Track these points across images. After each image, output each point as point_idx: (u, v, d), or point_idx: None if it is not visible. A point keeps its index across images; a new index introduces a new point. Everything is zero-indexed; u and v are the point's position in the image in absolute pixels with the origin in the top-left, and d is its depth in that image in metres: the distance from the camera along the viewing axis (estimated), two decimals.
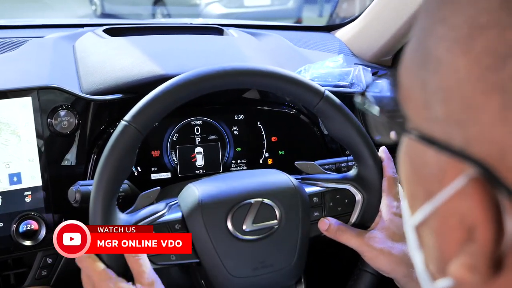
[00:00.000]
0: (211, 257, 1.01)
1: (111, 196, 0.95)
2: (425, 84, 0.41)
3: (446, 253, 0.41)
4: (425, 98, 0.41)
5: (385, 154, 1.12)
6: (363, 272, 1.11)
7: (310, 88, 1.05)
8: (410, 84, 0.43)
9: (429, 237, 0.44)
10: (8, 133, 1.13)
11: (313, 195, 1.11)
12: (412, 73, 0.43)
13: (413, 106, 0.43)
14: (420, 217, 0.44)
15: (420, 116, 0.42)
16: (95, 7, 9.95)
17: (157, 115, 0.97)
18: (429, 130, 0.41)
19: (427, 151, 0.41)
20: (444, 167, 0.39)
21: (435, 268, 0.44)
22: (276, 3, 9.08)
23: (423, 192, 0.43)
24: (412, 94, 0.43)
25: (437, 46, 0.40)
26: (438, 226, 0.42)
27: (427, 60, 0.41)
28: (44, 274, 1.22)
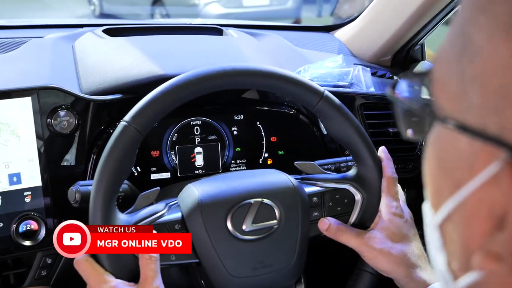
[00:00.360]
0: (211, 257, 1.01)
1: (111, 196, 0.95)
2: (463, 73, 0.41)
3: (470, 245, 0.41)
4: (461, 87, 0.41)
5: (385, 154, 1.12)
6: (363, 272, 1.12)
7: (310, 88, 1.05)
8: (446, 75, 0.43)
9: (453, 232, 0.44)
10: (8, 133, 1.13)
11: (312, 195, 1.11)
12: (449, 63, 0.43)
13: (448, 95, 0.43)
14: (445, 212, 0.44)
15: (455, 105, 0.42)
16: (93, 7, 9.94)
17: (156, 115, 0.98)
18: (463, 119, 0.41)
19: (460, 140, 0.41)
20: (477, 154, 0.40)
21: (458, 264, 0.44)
22: (274, 3, 9.07)
23: (450, 184, 0.43)
24: (447, 84, 0.43)
25: (477, 35, 0.40)
26: (465, 217, 0.42)
27: (466, 49, 0.41)
28: (44, 274, 1.22)
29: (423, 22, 1.50)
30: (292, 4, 9.14)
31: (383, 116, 1.44)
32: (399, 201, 1.10)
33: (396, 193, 1.11)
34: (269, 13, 8.84)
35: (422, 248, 1.08)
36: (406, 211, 1.11)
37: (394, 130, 1.43)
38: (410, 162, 1.46)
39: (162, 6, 9.26)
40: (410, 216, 1.11)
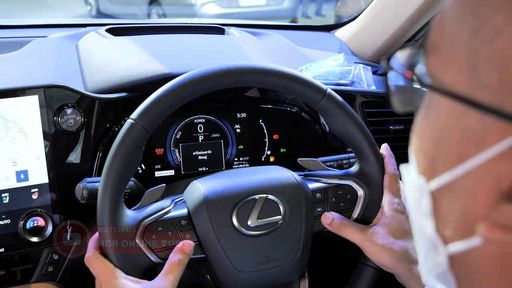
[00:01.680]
0: (217, 252, 1.02)
1: (118, 192, 0.96)
2: (476, 52, 0.43)
3: (473, 214, 0.43)
4: (473, 65, 0.43)
5: (387, 151, 1.14)
6: (365, 266, 1.13)
7: (313, 86, 1.07)
8: (452, 51, 0.45)
9: (451, 201, 0.46)
10: (16, 131, 1.15)
11: (316, 191, 1.13)
12: (455, 40, 0.45)
13: (454, 72, 0.45)
14: (443, 181, 0.46)
15: (462, 82, 0.44)
16: (90, 7, 9.91)
17: (163, 113, 0.99)
18: (475, 95, 0.42)
19: (468, 115, 0.43)
20: (488, 130, 0.41)
21: (453, 231, 0.46)
22: (271, 3, 9.07)
23: (452, 156, 0.45)
24: (453, 61, 0.45)
25: (494, 16, 0.42)
26: (468, 188, 0.44)
27: (480, 29, 0.43)
28: (51, 270, 1.23)
29: (423, 21, 1.52)
30: (289, 4, 9.14)
31: (384, 114, 1.46)
32: (401, 198, 1.12)
33: (398, 189, 1.12)
34: (265, 13, 8.84)
35: None
36: None
37: (395, 127, 1.45)
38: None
39: (158, 5, 9.25)
40: None
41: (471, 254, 0.45)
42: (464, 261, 0.47)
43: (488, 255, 0.44)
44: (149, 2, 9.26)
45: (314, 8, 10.03)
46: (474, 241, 0.44)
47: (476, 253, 0.45)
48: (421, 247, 0.53)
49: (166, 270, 0.96)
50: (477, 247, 0.44)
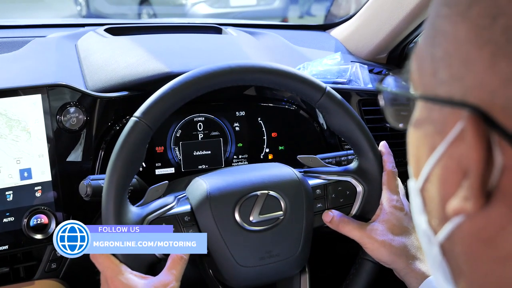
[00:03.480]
0: (219, 248, 1.04)
1: (123, 189, 0.98)
2: (433, 56, 0.48)
3: (446, 197, 0.47)
4: (433, 67, 0.48)
5: (385, 148, 1.16)
6: (365, 261, 1.15)
7: (313, 84, 1.09)
8: (422, 59, 0.51)
9: (431, 192, 0.50)
10: (19, 130, 1.16)
11: (316, 187, 1.15)
12: (423, 50, 0.51)
13: (424, 76, 0.50)
14: (424, 175, 0.51)
15: (429, 84, 0.49)
16: (80, 7, 9.88)
17: (166, 111, 1.01)
18: (435, 92, 0.48)
19: (433, 110, 0.49)
20: (446, 119, 0.47)
21: (437, 220, 0.50)
22: (262, 3, 9.10)
23: (427, 150, 0.50)
24: (422, 67, 0.50)
25: (442, 23, 0.48)
26: (439, 175, 0.48)
27: (435, 37, 0.49)
28: (54, 267, 1.25)
29: (419, 21, 1.54)
30: (279, 4, 9.16)
31: (381, 112, 1.47)
32: (399, 195, 1.14)
33: (396, 186, 1.14)
34: (256, 13, 8.86)
35: None
36: (406, 204, 1.14)
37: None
38: (407, 156, 1.50)
39: (149, 5, 9.25)
40: (410, 209, 1.14)
41: (453, 238, 0.49)
42: (450, 247, 0.50)
43: (465, 233, 0.47)
44: (139, 2, 9.25)
45: (305, 8, 10.07)
46: (451, 223, 0.48)
47: (456, 235, 0.48)
48: (423, 244, 0.56)
49: (170, 265, 0.98)
50: (455, 228, 0.48)
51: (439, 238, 0.50)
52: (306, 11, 10.22)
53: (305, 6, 10.24)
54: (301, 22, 8.64)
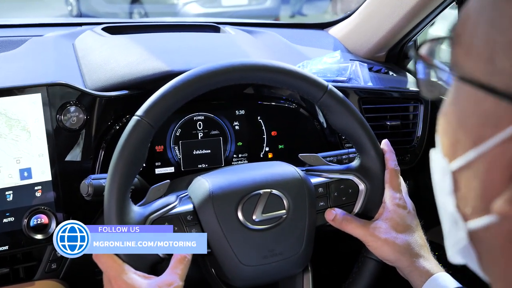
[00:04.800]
0: (222, 247, 1.04)
1: (125, 188, 0.98)
2: (493, 41, 0.46)
3: (490, 192, 0.46)
4: (490, 53, 0.46)
5: (387, 146, 1.16)
6: (367, 259, 1.15)
7: (314, 83, 1.09)
8: (474, 40, 0.48)
9: (470, 180, 0.49)
10: (19, 129, 1.15)
11: (318, 185, 1.15)
12: (477, 31, 0.48)
13: (474, 60, 0.48)
14: (463, 161, 0.49)
15: (481, 70, 0.47)
16: (71, 7, 9.84)
17: (168, 109, 1.01)
18: (490, 81, 0.46)
19: (485, 100, 0.46)
20: (502, 114, 0.45)
21: (471, 209, 0.49)
22: (253, 3, 9.09)
23: (471, 138, 0.48)
24: (474, 49, 0.48)
25: (510, 8, 0.45)
26: (485, 167, 0.47)
27: (497, 20, 0.46)
28: (54, 267, 1.24)
29: (418, 19, 1.54)
30: (271, 4, 9.16)
31: (381, 110, 1.48)
32: (402, 193, 1.14)
33: (399, 184, 1.14)
34: (247, 12, 8.85)
35: (424, 238, 1.11)
36: (409, 202, 1.14)
37: (391, 123, 1.48)
38: (407, 154, 1.50)
39: (140, 5, 9.22)
40: (412, 207, 1.14)
41: (487, 231, 0.48)
42: (481, 237, 0.50)
43: (503, 232, 0.47)
44: (130, 1, 9.22)
45: (297, 7, 10.09)
46: (490, 219, 0.47)
47: (492, 230, 0.48)
48: (445, 223, 0.55)
49: (173, 264, 0.97)
50: (493, 224, 0.47)
51: (469, 227, 0.50)
52: (298, 11, 10.24)
53: (297, 6, 10.25)
54: (293, 21, 8.62)
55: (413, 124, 1.53)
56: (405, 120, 1.52)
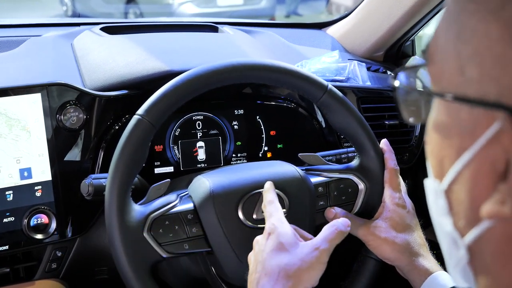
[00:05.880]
0: (223, 245, 1.04)
1: (126, 187, 0.98)
2: (460, 53, 0.48)
3: (478, 199, 0.47)
4: (459, 65, 0.47)
5: (387, 146, 1.17)
6: (367, 258, 1.16)
7: (314, 82, 1.10)
8: (444, 57, 0.50)
9: (459, 193, 0.50)
10: (19, 129, 1.15)
11: (318, 185, 1.15)
12: (446, 47, 0.50)
13: (447, 75, 0.49)
14: (451, 177, 0.50)
15: (454, 82, 0.48)
16: (65, 7, 9.83)
17: (168, 108, 1.02)
18: (463, 92, 0.47)
19: (460, 111, 0.48)
20: (477, 121, 0.46)
21: (465, 222, 0.50)
22: (249, 3, 9.09)
23: (453, 152, 0.49)
24: (445, 65, 0.50)
25: (470, 19, 0.47)
26: (470, 177, 0.48)
27: (461, 33, 0.48)
28: (54, 267, 1.24)
29: (416, 19, 1.55)
30: (266, 4, 9.16)
31: (379, 109, 1.49)
32: (401, 192, 1.15)
33: (398, 184, 1.15)
34: (243, 12, 8.86)
35: (423, 237, 1.12)
36: (408, 201, 1.15)
37: (390, 122, 1.48)
38: (405, 154, 1.51)
39: (136, 5, 9.22)
40: (412, 206, 1.15)
41: (483, 240, 0.48)
42: (479, 249, 0.50)
43: (497, 236, 0.47)
44: (126, 1, 9.21)
45: (292, 7, 10.10)
46: (483, 225, 0.47)
47: (486, 237, 0.48)
48: (444, 245, 0.55)
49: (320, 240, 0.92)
50: (486, 230, 0.47)
51: (466, 240, 0.50)
52: (293, 11, 10.25)
53: (292, 6, 10.26)
54: (290, 21, 8.63)
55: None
56: (403, 120, 1.52)
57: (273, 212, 0.96)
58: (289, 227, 0.94)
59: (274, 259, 0.88)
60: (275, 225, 0.93)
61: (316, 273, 0.88)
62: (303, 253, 0.89)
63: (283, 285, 0.85)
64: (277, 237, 0.91)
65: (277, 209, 0.97)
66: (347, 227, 0.94)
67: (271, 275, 0.86)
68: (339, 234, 0.92)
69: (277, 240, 0.91)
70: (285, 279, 0.86)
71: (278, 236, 0.91)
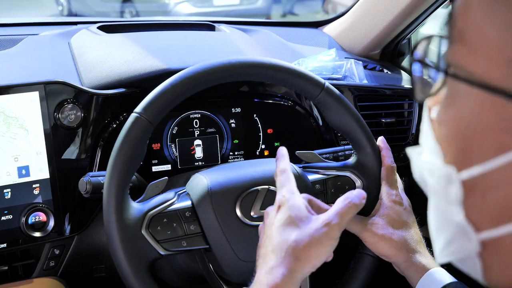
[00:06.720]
0: (220, 243, 1.04)
1: (124, 185, 0.98)
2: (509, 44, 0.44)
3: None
4: (508, 57, 0.44)
5: (383, 143, 1.17)
6: (364, 255, 1.16)
7: (312, 80, 1.10)
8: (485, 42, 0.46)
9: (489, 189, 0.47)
10: (17, 127, 1.15)
11: (315, 182, 1.16)
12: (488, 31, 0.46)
13: (487, 63, 0.45)
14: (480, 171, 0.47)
15: (496, 73, 0.45)
16: (61, 7, 9.81)
17: (166, 106, 1.02)
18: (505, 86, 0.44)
19: (507, 107, 0.44)
20: None
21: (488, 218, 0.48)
22: (245, 3, 9.10)
23: (490, 146, 0.46)
24: (487, 52, 0.46)
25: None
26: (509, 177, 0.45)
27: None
28: (52, 265, 1.25)
29: (413, 18, 1.55)
30: (262, 3, 9.17)
31: (376, 107, 1.50)
32: (398, 189, 1.15)
33: (395, 181, 1.15)
34: (239, 12, 8.86)
35: (420, 234, 1.12)
36: (405, 198, 1.15)
37: (386, 120, 1.49)
38: (402, 151, 1.51)
39: (131, 4, 9.21)
40: (408, 203, 1.15)
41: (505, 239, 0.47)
42: (498, 245, 0.48)
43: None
44: (122, 0, 9.20)
45: (288, 7, 10.10)
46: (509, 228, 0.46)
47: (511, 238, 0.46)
48: (443, 233, 0.54)
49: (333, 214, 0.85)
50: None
51: (484, 236, 0.49)
52: (289, 10, 10.25)
53: (288, 5, 10.27)
54: (286, 20, 8.64)
55: (407, 121, 1.55)
56: (400, 117, 1.53)
57: (285, 182, 0.90)
58: (301, 198, 0.88)
59: (283, 235, 0.83)
60: (286, 197, 0.87)
61: (326, 250, 0.82)
62: (313, 228, 0.82)
63: (290, 263, 0.80)
64: (287, 210, 0.85)
65: (288, 179, 0.91)
66: (362, 200, 0.87)
67: (278, 252, 0.82)
68: (353, 208, 0.85)
69: (287, 213, 0.85)
70: (292, 256, 0.80)
71: (288, 210, 0.85)
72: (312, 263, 0.81)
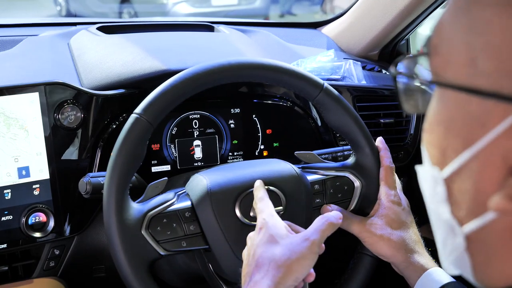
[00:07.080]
0: (220, 243, 1.05)
1: (124, 185, 0.99)
2: (471, 45, 0.48)
3: (484, 191, 0.47)
4: (470, 57, 0.47)
5: (382, 144, 1.18)
6: (363, 255, 1.17)
7: (310, 81, 1.11)
8: (451, 49, 0.50)
9: (463, 183, 0.50)
10: (17, 128, 1.16)
11: (314, 182, 1.16)
12: (453, 39, 0.50)
13: (455, 66, 0.49)
14: (455, 166, 0.50)
15: (463, 74, 0.48)
16: (60, 7, 9.80)
17: (166, 107, 1.03)
18: (474, 83, 0.47)
19: (470, 102, 0.48)
20: (489, 113, 0.46)
21: (466, 211, 0.50)
22: (243, 3, 9.10)
23: (459, 141, 0.49)
24: (453, 57, 0.49)
25: (483, 11, 0.47)
26: (478, 168, 0.48)
27: (473, 25, 0.48)
28: (52, 265, 1.25)
29: (411, 18, 1.56)
30: (260, 4, 9.17)
31: (375, 108, 1.50)
32: (396, 190, 1.16)
33: (394, 181, 1.16)
34: (237, 12, 8.86)
35: (418, 234, 1.13)
36: (403, 199, 1.16)
37: (385, 121, 1.49)
38: (400, 152, 1.52)
39: (130, 4, 9.21)
40: (407, 203, 1.16)
41: (485, 230, 0.49)
42: (479, 238, 0.50)
43: (501, 228, 0.48)
44: (120, 1, 9.19)
45: (286, 7, 10.11)
46: (488, 216, 0.48)
47: (489, 228, 0.48)
48: (439, 233, 0.56)
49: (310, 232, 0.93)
50: (491, 222, 0.48)
51: (466, 230, 0.51)
52: (287, 10, 10.26)
53: (286, 5, 10.27)
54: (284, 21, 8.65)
55: (406, 122, 1.55)
56: (399, 118, 1.54)
57: (264, 208, 0.97)
58: (280, 220, 0.95)
59: (265, 252, 0.89)
60: (266, 219, 0.94)
61: (307, 263, 0.89)
62: (293, 243, 0.89)
63: (273, 276, 0.85)
64: (268, 230, 0.92)
65: (267, 205, 0.98)
66: (338, 220, 0.94)
67: (262, 267, 0.87)
68: (330, 226, 0.93)
69: (267, 233, 0.92)
70: (275, 269, 0.86)
71: (268, 229, 0.92)
72: (294, 275, 0.87)
